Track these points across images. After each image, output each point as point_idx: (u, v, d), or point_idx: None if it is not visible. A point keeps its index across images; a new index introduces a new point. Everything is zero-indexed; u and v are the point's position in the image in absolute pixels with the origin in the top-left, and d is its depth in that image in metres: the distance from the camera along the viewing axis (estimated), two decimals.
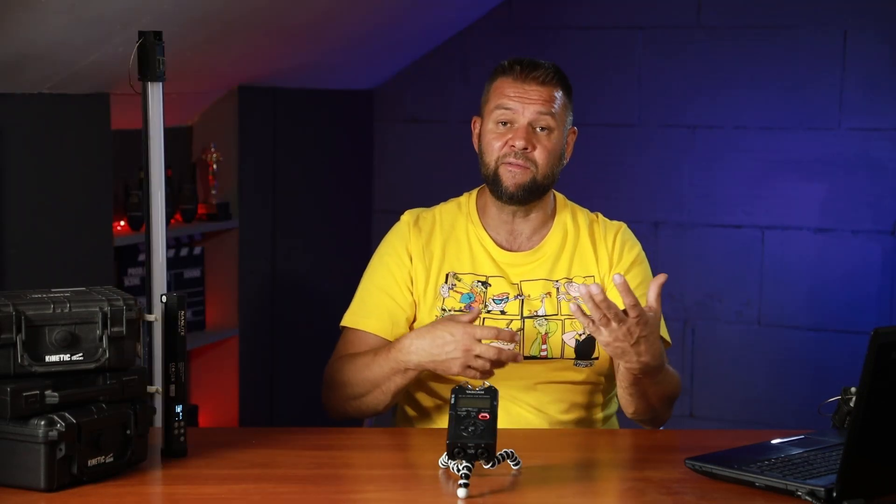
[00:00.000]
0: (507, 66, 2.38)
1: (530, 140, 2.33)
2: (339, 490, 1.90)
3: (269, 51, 3.80)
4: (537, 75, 2.34)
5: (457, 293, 2.37)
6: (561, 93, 2.37)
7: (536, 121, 2.33)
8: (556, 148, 2.35)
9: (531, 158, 2.33)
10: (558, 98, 2.36)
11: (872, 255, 4.23)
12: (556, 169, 2.37)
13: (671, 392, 2.28)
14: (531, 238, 2.43)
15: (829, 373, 4.24)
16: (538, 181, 2.34)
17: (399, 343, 2.21)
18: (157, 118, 2.49)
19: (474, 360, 2.11)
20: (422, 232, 2.42)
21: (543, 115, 2.33)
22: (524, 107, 2.33)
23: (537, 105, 2.33)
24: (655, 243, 4.43)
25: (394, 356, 2.20)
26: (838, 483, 1.75)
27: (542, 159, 2.33)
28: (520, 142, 2.32)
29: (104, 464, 1.87)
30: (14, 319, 1.84)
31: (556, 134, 2.35)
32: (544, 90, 2.34)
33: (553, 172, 2.36)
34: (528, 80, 2.34)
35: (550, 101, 2.34)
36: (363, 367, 2.25)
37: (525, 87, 2.34)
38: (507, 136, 2.34)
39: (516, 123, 2.34)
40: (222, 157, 3.99)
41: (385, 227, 2.51)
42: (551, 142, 2.34)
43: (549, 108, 2.33)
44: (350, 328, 2.39)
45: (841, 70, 4.21)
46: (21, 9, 2.62)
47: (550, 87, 2.35)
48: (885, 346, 1.70)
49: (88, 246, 3.29)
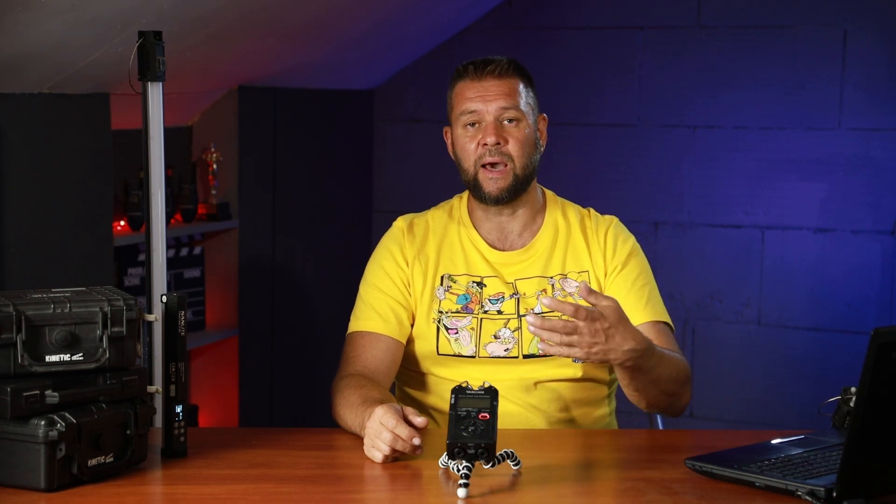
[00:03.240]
0: (462, 69, 2.40)
1: (501, 134, 2.34)
2: (339, 490, 1.90)
3: (269, 51, 3.80)
4: (492, 69, 2.36)
5: (453, 294, 2.38)
6: (521, 83, 2.38)
7: (502, 115, 2.35)
8: (529, 137, 2.37)
9: (506, 152, 2.34)
10: (519, 88, 2.37)
11: (872, 255, 4.23)
12: (534, 157, 2.38)
13: (677, 374, 2.23)
14: (522, 235, 2.43)
15: (829, 373, 4.25)
16: (518, 176, 2.35)
17: (370, 409, 2.08)
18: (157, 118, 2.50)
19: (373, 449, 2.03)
20: (415, 237, 2.43)
21: (507, 107, 2.35)
22: (487, 104, 2.35)
23: (499, 100, 2.34)
24: (655, 243, 4.43)
25: (361, 423, 2.10)
26: (838, 483, 1.75)
27: (516, 151, 2.35)
28: (491, 138, 2.33)
29: (104, 464, 1.87)
30: (14, 319, 1.84)
31: (524, 123, 2.36)
32: (503, 83, 2.36)
33: (531, 161, 2.37)
34: (485, 77, 2.36)
35: (511, 92, 2.35)
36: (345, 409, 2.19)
37: (483, 85, 2.35)
38: (477, 137, 2.35)
39: (484, 122, 2.35)
40: (222, 157, 3.99)
41: (385, 227, 2.51)
42: (522, 131, 2.36)
43: (511, 99, 2.35)
44: (357, 332, 2.38)
45: (841, 70, 4.21)
46: (21, 9, 2.62)
47: (508, 79, 2.36)
48: (885, 346, 1.70)
49: (88, 246, 3.28)
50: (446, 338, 2.35)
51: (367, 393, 2.18)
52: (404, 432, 1.97)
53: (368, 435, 2.03)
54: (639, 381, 2.16)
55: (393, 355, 2.36)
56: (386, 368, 2.34)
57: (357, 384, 2.23)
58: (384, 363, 2.34)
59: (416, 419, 2.00)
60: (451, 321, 2.36)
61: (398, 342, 2.36)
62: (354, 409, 2.15)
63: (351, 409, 2.17)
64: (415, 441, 1.97)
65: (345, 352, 2.38)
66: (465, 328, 2.35)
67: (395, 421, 1.99)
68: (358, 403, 2.15)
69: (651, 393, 2.20)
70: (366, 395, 2.16)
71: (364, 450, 2.04)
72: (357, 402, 2.16)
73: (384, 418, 1.99)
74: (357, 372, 2.30)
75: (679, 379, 2.24)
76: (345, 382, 2.26)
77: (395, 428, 1.98)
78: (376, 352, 2.34)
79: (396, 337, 2.36)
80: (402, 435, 1.97)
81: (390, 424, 1.98)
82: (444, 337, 2.35)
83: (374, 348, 2.34)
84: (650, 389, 2.20)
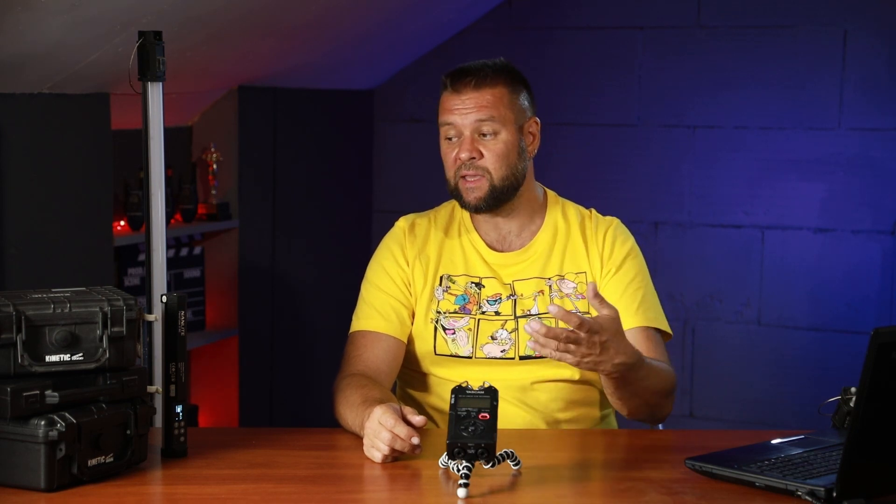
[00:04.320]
0: (444, 79, 2.38)
1: (475, 149, 2.33)
2: (339, 490, 1.90)
3: (269, 51, 3.80)
4: (469, 81, 2.33)
5: (451, 295, 2.38)
6: (502, 89, 2.35)
7: (478, 128, 2.33)
8: (507, 147, 2.34)
9: (481, 166, 2.33)
10: (500, 96, 2.34)
11: (872, 255, 4.23)
12: (517, 167, 2.36)
13: (662, 386, 2.24)
14: (520, 236, 2.43)
15: (829, 373, 4.24)
16: (497, 186, 2.34)
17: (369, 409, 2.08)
18: (157, 118, 2.50)
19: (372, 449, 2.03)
20: (417, 237, 2.43)
21: (483, 120, 2.32)
22: (463, 117, 2.33)
23: (474, 113, 2.32)
24: (655, 243, 4.43)
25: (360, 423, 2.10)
26: (838, 483, 1.75)
27: (492, 164, 2.33)
28: (465, 153, 2.32)
29: (104, 464, 1.87)
30: (14, 319, 1.84)
31: (503, 134, 2.34)
32: (479, 95, 2.33)
33: (512, 172, 2.35)
34: (462, 89, 2.34)
35: (490, 104, 2.33)
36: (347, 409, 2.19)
37: (461, 97, 2.34)
38: (455, 150, 2.35)
39: (461, 136, 2.34)
40: (222, 157, 3.99)
41: (385, 227, 2.51)
42: (500, 144, 2.33)
43: (487, 112, 2.32)
44: (359, 331, 2.38)
45: (841, 70, 4.21)
46: (21, 9, 2.62)
47: (486, 89, 2.33)
48: (885, 346, 1.70)
49: (88, 246, 3.28)
50: (443, 338, 2.35)
51: (368, 393, 2.18)
52: (403, 431, 1.97)
53: (367, 435, 2.03)
54: (623, 391, 2.17)
55: (394, 354, 2.36)
56: (388, 368, 2.34)
57: (358, 384, 2.23)
58: (385, 362, 2.34)
59: (414, 418, 2.01)
60: (449, 321, 2.36)
61: (399, 341, 2.36)
62: (355, 409, 2.15)
63: (351, 409, 2.17)
64: (413, 440, 1.97)
65: (347, 351, 2.38)
66: (462, 329, 2.36)
67: (393, 420, 1.99)
68: (358, 403, 2.16)
69: (633, 403, 2.22)
70: (366, 395, 2.16)
71: (364, 450, 2.04)
72: (357, 402, 2.16)
73: (383, 418, 1.99)
74: (359, 371, 2.30)
75: (663, 391, 2.25)
76: (346, 382, 2.26)
77: (393, 427, 1.98)
78: (378, 351, 2.34)
79: (398, 336, 2.36)
80: (400, 434, 1.97)
81: (389, 424, 1.98)
82: (442, 337, 2.35)
83: (376, 348, 2.34)
84: (633, 400, 2.20)
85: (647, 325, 2.34)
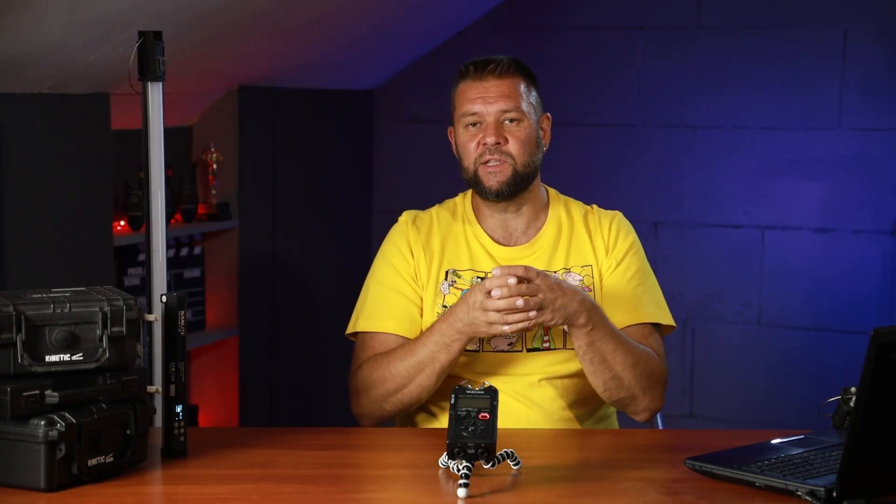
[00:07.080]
0: (464, 69, 2.41)
1: (501, 134, 2.35)
2: (339, 490, 1.90)
3: (269, 51, 3.80)
4: (493, 69, 2.37)
5: (457, 290, 2.38)
6: (522, 82, 2.39)
7: (503, 115, 2.36)
8: (530, 136, 2.38)
9: (506, 152, 2.36)
10: (520, 87, 2.38)
11: (872, 255, 4.23)
12: (535, 156, 2.39)
13: (636, 361, 2.24)
14: (526, 232, 2.44)
15: (829, 373, 4.24)
16: (519, 172, 2.36)
17: (441, 317, 2.24)
18: (157, 118, 2.50)
19: (491, 316, 2.14)
20: (421, 231, 2.44)
21: (508, 109, 2.36)
22: (488, 104, 2.36)
23: (500, 100, 2.36)
24: (655, 243, 4.43)
25: (437, 328, 2.22)
26: (838, 483, 1.75)
27: (516, 150, 2.36)
28: (491, 138, 2.35)
29: (104, 464, 1.87)
30: (14, 319, 1.84)
31: (525, 122, 2.37)
32: (503, 83, 2.37)
33: (532, 160, 2.38)
34: (486, 77, 2.37)
35: (512, 92, 2.37)
36: (405, 354, 2.25)
37: (484, 85, 2.37)
38: (478, 136, 2.37)
39: (484, 122, 2.36)
40: (222, 157, 3.99)
41: (385, 226, 2.51)
42: (523, 131, 2.37)
43: (512, 100, 2.36)
44: (368, 332, 2.38)
45: (841, 70, 4.21)
46: (21, 9, 2.62)
47: (509, 79, 2.37)
48: (885, 346, 1.70)
49: (88, 246, 3.28)
50: None
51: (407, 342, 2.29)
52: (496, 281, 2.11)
53: (473, 308, 2.14)
54: (594, 352, 2.20)
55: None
56: None
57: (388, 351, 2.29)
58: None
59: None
60: None
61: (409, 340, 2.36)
62: (418, 342, 2.26)
63: (412, 347, 2.26)
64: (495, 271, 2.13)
65: (356, 353, 2.38)
66: None
67: (480, 284, 2.13)
68: (414, 342, 2.26)
69: (604, 375, 2.23)
70: (410, 340, 2.28)
71: (483, 330, 2.15)
72: (411, 343, 2.27)
73: (474, 290, 2.15)
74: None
75: (639, 372, 2.25)
76: (372, 361, 2.29)
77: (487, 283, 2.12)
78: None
79: (408, 336, 2.35)
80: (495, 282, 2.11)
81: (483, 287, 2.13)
82: None
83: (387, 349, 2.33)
84: (605, 371, 2.23)
85: (643, 322, 2.37)
